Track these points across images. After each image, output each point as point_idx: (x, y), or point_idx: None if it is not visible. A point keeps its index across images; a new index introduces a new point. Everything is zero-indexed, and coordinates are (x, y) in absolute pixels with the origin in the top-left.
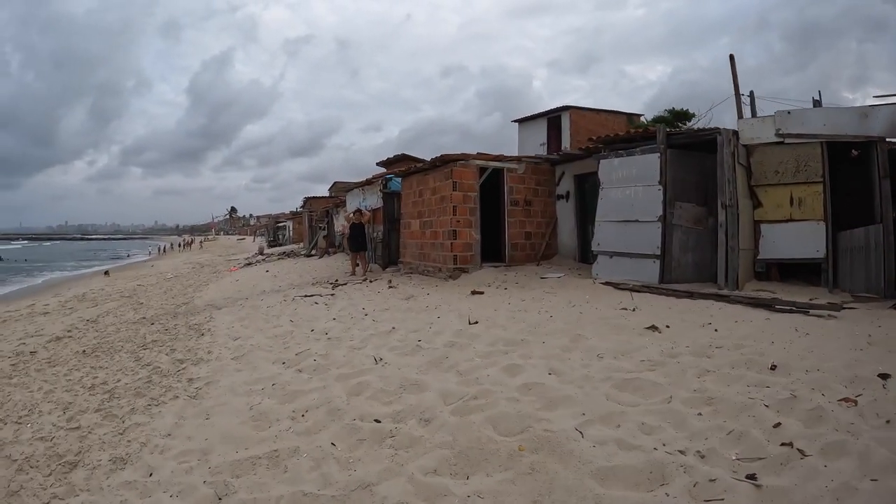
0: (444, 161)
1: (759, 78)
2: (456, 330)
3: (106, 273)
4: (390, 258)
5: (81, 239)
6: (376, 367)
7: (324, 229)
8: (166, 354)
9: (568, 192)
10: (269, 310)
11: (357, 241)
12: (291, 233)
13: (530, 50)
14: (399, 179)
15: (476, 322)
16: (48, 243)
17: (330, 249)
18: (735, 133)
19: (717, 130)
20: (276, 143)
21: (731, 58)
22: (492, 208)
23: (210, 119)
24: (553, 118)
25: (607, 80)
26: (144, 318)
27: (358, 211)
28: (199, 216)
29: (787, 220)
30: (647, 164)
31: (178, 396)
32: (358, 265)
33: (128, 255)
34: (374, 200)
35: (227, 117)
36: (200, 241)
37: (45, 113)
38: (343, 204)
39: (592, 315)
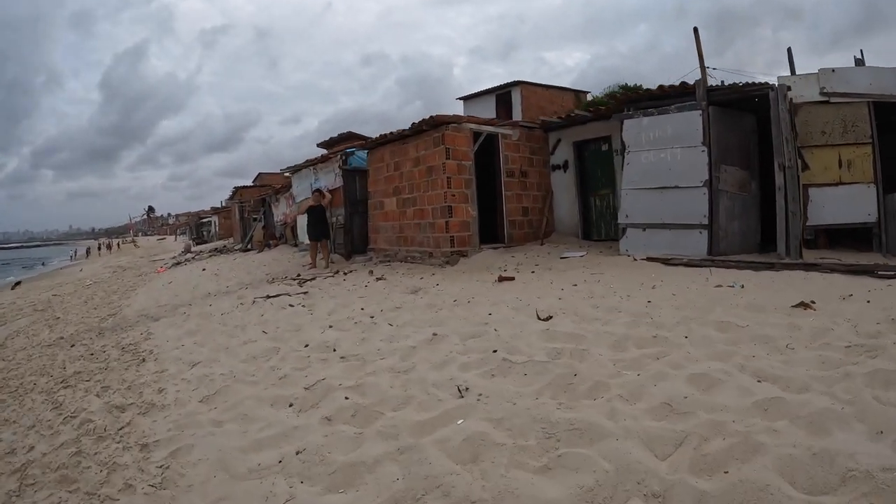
0: (434, 124)
1: (679, 63)
2: (536, 329)
3: (15, 285)
4: (353, 246)
5: None
6: (469, 403)
7: (260, 220)
8: (97, 395)
9: (566, 162)
10: (225, 318)
11: (317, 227)
12: (218, 228)
13: (450, 38)
14: (364, 153)
15: (550, 317)
16: None
17: (270, 242)
18: (789, 88)
19: (767, 85)
20: (192, 139)
21: (695, 30)
22: (480, 182)
23: (124, 116)
24: (502, 94)
25: (527, 66)
26: (62, 337)
27: (317, 191)
28: (115, 218)
29: (836, 184)
30: (686, 122)
31: (131, 486)
32: (320, 256)
33: (42, 264)
34: (330, 181)
35: (142, 113)
36: (133, 241)
37: None
38: (285, 189)
39: (695, 296)
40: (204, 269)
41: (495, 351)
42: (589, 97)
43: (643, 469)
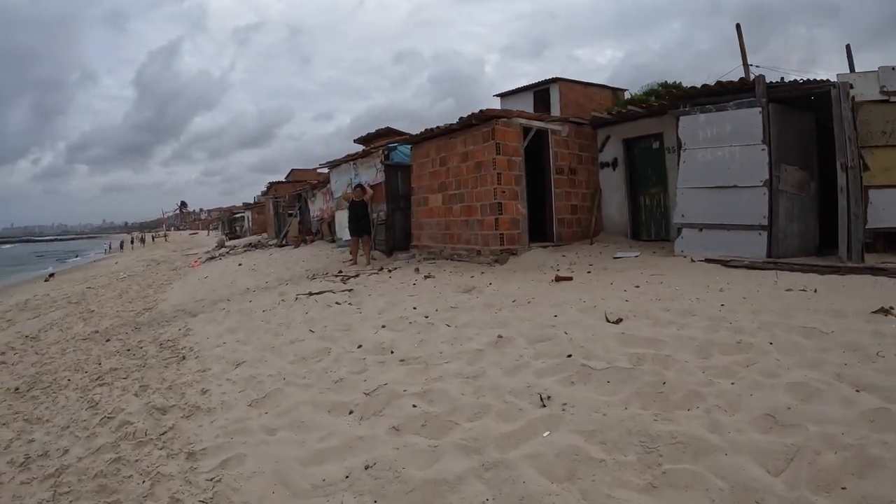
0: (483, 118)
1: (712, 62)
2: (610, 333)
3: (49, 277)
4: (395, 242)
5: (33, 241)
6: (554, 414)
7: (296, 216)
8: (135, 395)
9: (615, 159)
10: (267, 315)
11: (359, 223)
12: (250, 223)
13: (481, 35)
14: (406, 148)
15: (620, 319)
16: (8, 246)
17: (307, 237)
18: (851, 86)
19: (829, 83)
20: (225, 135)
21: (738, 27)
22: (527, 179)
23: (158, 112)
24: (540, 91)
25: (559, 64)
26: (97, 331)
27: (359, 186)
28: (148, 212)
29: None
30: (746, 119)
31: (178, 500)
32: (361, 252)
33: (76, 256)
34: (370, 176)
35: (176, 110)
36: (164, 235)
37: None
38: (322, 185)
39: (767, 300)
40: (240, 264)
41: (570, 356)
42: (626, 95)
43: (760, 487)
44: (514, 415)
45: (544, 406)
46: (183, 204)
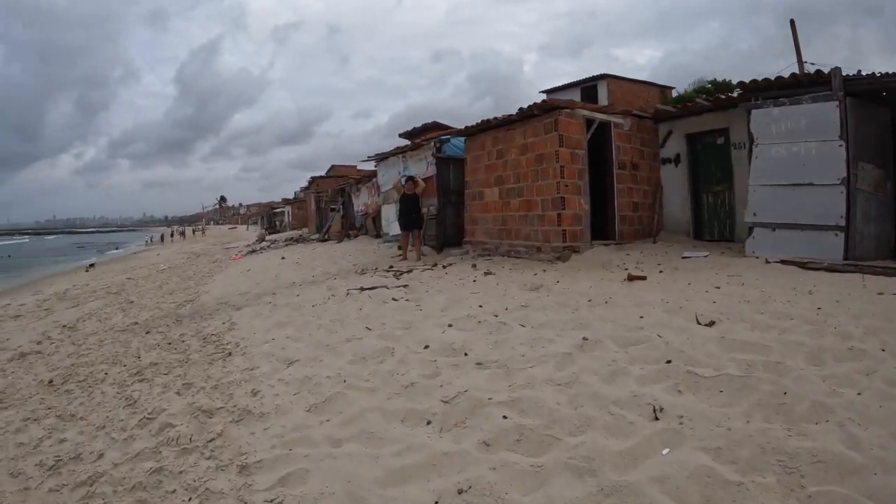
0: (545, 109)
1: (753, 62)
2: (708, 337)
3: (89, 267)
4: (446, 238)
5: (74, 232)
6: (671, 428)
7: (339, 210)
8: (177, 394)
9: (677, 155)
10: (317, 310)
11: (410, 216)
12: (290, 218)
13: (519, 35)
14: (459, 140)
15: (712, 322)
16: (50, 237)
17: (350, 232)
18: None
19: None
20: (264, 132)
21: (792, 23)
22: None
23: (198, 109)
24: (588, 87)
25: (598, 63)
26: (136, 322)
27: (411, 179)
28: (188, 207)
29: None
30: (821, 113)
31: None
32: (411, 247)
33: (116, 248)
34: (420, 170)
35: (216, 107)
36: (201, 230)
37: (31, 107)
38: (366, 179)
39: (862, 303)
40: (283, 258)
41: (669, 361)
42: (674, 93)
43: None
44: (625, 429)
45: (657, 419)
46: (223, 199)
